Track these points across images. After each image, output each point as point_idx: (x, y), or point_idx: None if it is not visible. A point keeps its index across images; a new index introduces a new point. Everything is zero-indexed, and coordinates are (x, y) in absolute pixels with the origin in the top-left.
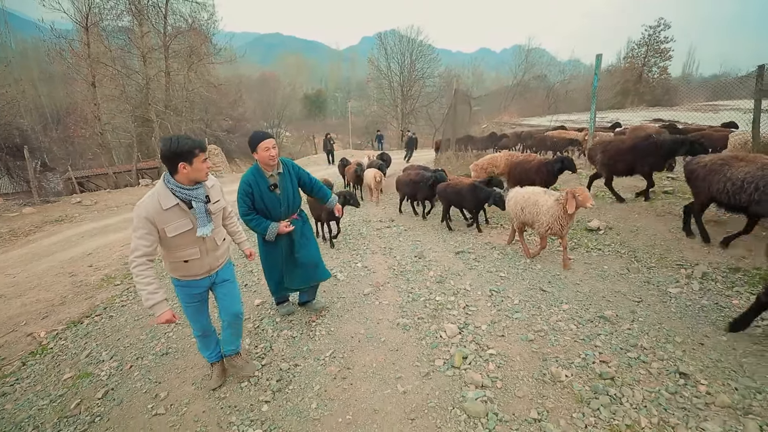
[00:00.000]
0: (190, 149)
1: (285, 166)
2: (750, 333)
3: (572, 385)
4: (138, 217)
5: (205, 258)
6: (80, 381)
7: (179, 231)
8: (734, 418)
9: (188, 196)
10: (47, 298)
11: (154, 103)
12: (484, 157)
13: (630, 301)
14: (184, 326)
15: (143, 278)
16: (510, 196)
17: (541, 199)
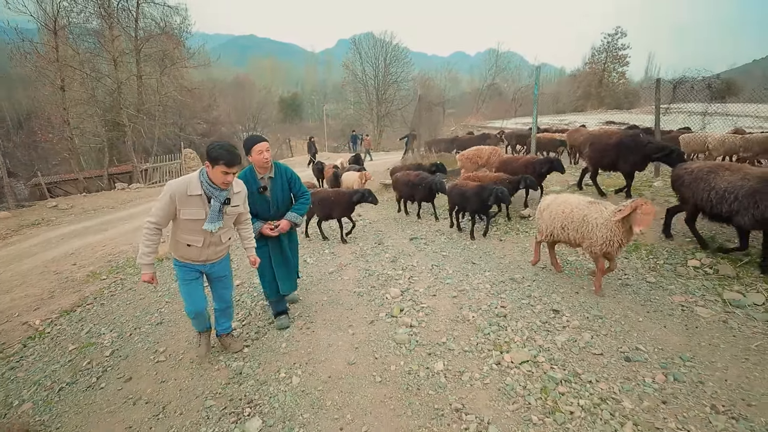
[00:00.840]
0: (215, 158)
1: (278, 171)
2: (606, 284)
3: (476, 322)
4: (165, 192)
5: (205, 249)
6: (85, 349)
7: (191, 217)
8: (577, 333)
9: (211, 193)
10: (35, 293)
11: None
12: (470, 148)
13: (537, 267)
14: (175, 302)
15: (147, 241)
16: (542, 207)
17: (591, 212)
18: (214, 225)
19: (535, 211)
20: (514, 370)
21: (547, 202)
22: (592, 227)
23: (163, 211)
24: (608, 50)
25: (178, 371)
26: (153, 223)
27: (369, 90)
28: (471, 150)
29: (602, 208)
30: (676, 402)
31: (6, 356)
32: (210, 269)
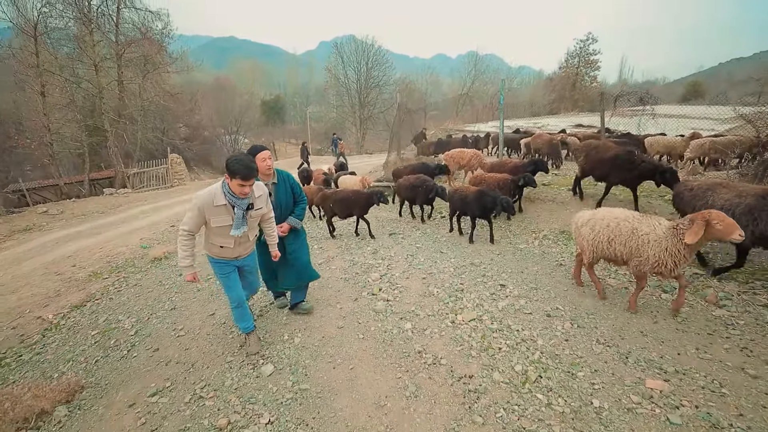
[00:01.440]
0: (233, 172)
1: (281, 177)
2: (545, 264)
3: (439, 296)
4: (194, 205)
5: (236, 248)
6: (108, 333)
7: (220, 224)
8: (516, 300)
9: (234, 202)
10: (41, 292)
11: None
12: (454, 149)
13: (494, 254)
14: (183, 292)
15: (184, 247)
16: (579, 222)
17: (642, 225)
18: (240, 230)
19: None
20: (464, 325)
21: (586, 216)
22: (643, 243)
23: (194, 220)
24: (580, 55)
25: (198, 341)
26: (186, 231)
27: (351, 93)
28: (455, 150)
29: (655, 223)
30: (574, 339)
31: (28, 345)
32: (242, 263)
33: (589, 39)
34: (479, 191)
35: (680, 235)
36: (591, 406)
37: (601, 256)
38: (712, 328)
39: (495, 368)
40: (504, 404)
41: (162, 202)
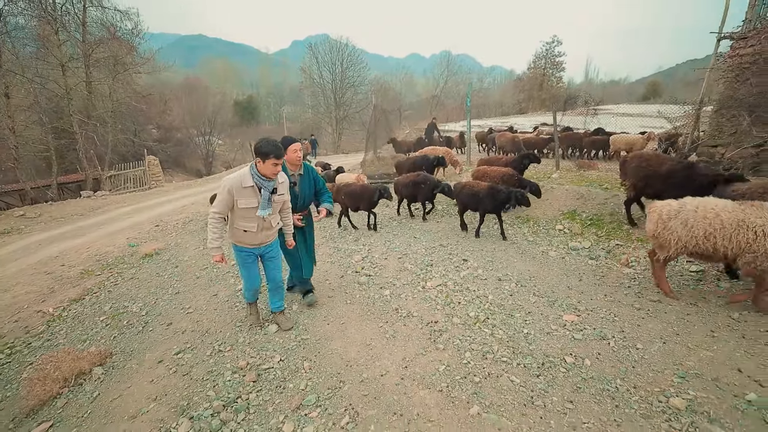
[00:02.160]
0: (266, 153)
1: (306, 170)
2: (497, 242)
3: (412, 270)
4: (224, 187)
5: (259, 233)
6: (118, 317)
7: (246, 206)
8: (474, 270)
9: (261, 183)
10: (35, 290)
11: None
12: (427, 147)
13: (459, 237)
14: (187, 278)
15: (214, 229)
16: (666, 216)
17: (750, 216)
18: (266, 211)
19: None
20: (432, 290)
21: (674, 208)
22: (758, 236)
23: (224, 203)
24: (546, 57)
25: (207, 315)
26: (217, 213)
27: (327, 94)
28: (428, 149)
29: (760, 212)
30: (517, 294)
31: (35, 334)
32: (264, 251)
33: (554, 41)
34: (491, 186)
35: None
36: (522, 333)
37: (690, 252)
38: (620, 282)
39: (454, 315)
40: (459, 337)
41: (142, 203)
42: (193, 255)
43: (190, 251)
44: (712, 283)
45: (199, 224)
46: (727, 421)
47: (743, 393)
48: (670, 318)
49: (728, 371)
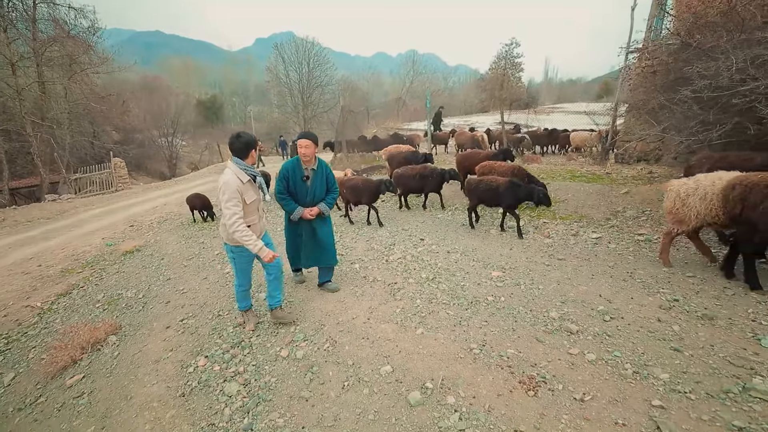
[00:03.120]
0: (255, 141)
1: (320, 166)
2: (456, 225)
3: (378, 249)
4: (231, 191)
5: (259, 222)
6: (115, 302)
7: (252, 199)
8: (429, 246)
9: (253, 173)
10: (15, 289)
11: (28, 116)
12: (392, 145)
13: (418, 222)
14: (176, 266)
15: (247, 235)
16: (684, 192)
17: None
18: (268, 195)
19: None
20: (393, 262)
21: (691, 186)
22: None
23: (237, 206)
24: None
25: (201, 293)
26: (238, 219)
27: (294, 93)
28: (393, 147)
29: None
30: (461, 261)
31: (28, 325)
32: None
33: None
34: (511, 182)
35: None
36: (459, 285)
37: (708, 223)
38: (540, 248)
39: (410, 277)
40: (413, 291)
41: (112, 205)
42: (176, 249)
43: (171, 246)
44: (604, 245)
45: (175, 223)
46: (582, 323)
47: (597, 307)
48: (567, 270)
49: (593, 297)
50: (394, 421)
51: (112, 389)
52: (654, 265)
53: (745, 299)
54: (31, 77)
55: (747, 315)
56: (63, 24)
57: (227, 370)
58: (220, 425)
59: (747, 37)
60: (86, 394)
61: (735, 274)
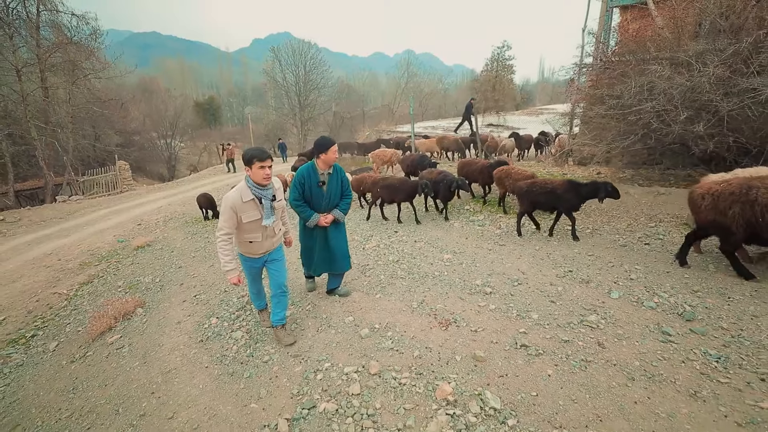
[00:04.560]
0: (250, 159)
1: (335, 171)
2: (427, 220)
3: (357, 239)
4: (225, 206)
5: (264, 241)
6: (134, 286)
7: (251, 219)
8: (400, 237)
9: (260, 194)
10: (41, 280)
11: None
12: (378, 149)
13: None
14: (186, 256)
15: (224, 251)
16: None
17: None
18: (270, 219)
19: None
20: (369, 249)
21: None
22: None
23: (229, 221)
24: (498, 60)
25: (209, 277)
26: (224, 234)
27: (291, 96)
28: (379, 150)
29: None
30: (424, 249)
31: (59, 308)
32: (268, 257)
33: (504, 46)
34: (569, 182)
35: None
36: (416, 266)
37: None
38: (490, 237)
39: (379, 261)
40: (379, 270)
41: (119, 206)
42: (183, 243)
43: (179, 241)
44: (539, 234)
45: (180, 222)
46: (496, 287)
47: (513, 276)
48: (503, 252)
49: (513, 271)
50: (349, 347)
51: (146, 341)
52: (568, 247)
53: (617, 269)
54: (35, 83)
55: (613, 279)
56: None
57: (234, 325)
58: (229, 356)
59: (643, 67)
60: (126, 346)
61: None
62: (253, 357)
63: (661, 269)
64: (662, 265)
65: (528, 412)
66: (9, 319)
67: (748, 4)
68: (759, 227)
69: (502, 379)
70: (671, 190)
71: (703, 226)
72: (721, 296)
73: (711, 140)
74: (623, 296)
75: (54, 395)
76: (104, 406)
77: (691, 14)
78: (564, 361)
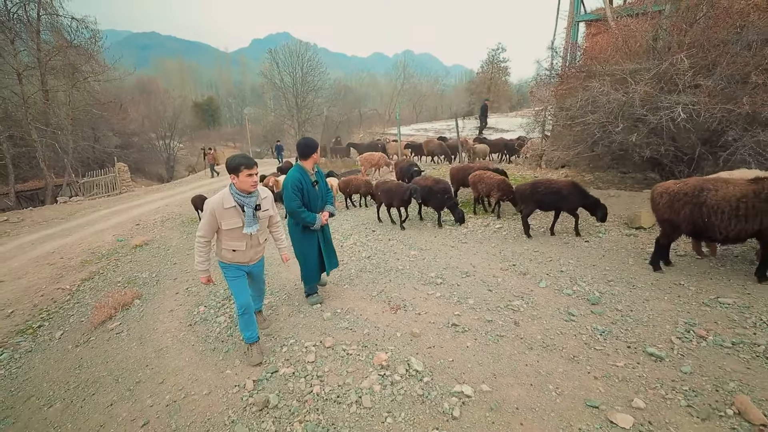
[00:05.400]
0: (237, 165)
1: (319, 173)
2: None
3: (337, 237)
4: (206, 210)
5: (248, 251)
6: (132, 281)
7: (231, 226)
8: (376, 236)
9: (242, 201)
10: (44, 277)
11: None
12: (366, 152)
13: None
14: (181, 254)
15: (200, 252)
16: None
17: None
18: (252, 228)
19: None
20: (346, 246)
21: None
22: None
23: (208, 225)
24: (493, 62)
25: None
26: (202, 237)
27: (288, 97)
28: (367, 153)
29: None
30: (394, 246)
31: (62, 302)
32: (252, 269)
33: (498, 48)
34: (573, 183)
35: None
36: (384, 261)
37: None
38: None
39: (353, 256)
40: (352, 265)
41: (118, 206)
42: (179, 242)
43: (175, 240)
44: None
45: (176, 222)
46: (447, 278)
47: (464, 269)
48: (463, 249)
49: (466, 265)
50: (312, 327)
51: (143, 327)
52: (519, 244)
53: (553, 263)
54: (36, 86)
55: (546, 271)
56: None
57: (218, 312)
58: (212, 336)
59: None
60: (125, 331)
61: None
62: (232, 336)
63: (589, 263)
64: (591, 260)
65: (442, 373)
66: (17, 312)
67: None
68: (704, 226)
69: (430, 349)
70: (621, 193)
71: (659, 221)
72: (627, 285)
73: (647, 148)
74: (549, 285)
75: (62, 372)
76: (106, 377)
77: (641, 32)
78: (483, 336)
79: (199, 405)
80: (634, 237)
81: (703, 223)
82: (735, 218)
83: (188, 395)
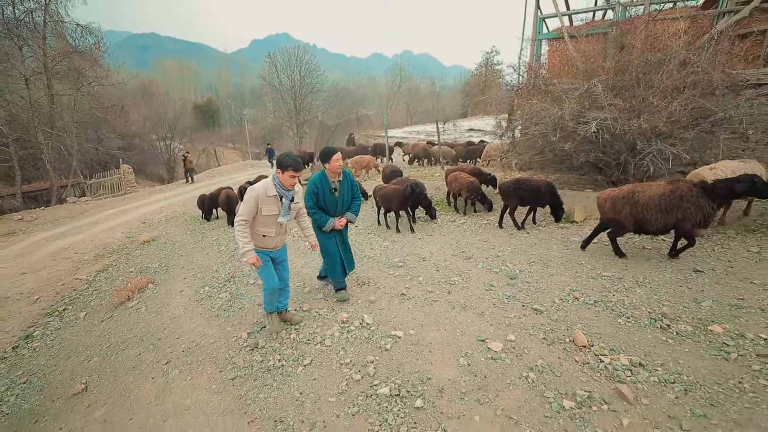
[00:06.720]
0: (286, 165)
1: (345, 177)
2: None
3: None
4: (250, 196)
5: (276, 237)
6: (143, 271)
7: (269, 213)
8: (364, 232)
9: (282, 193)
10: (62, 269)
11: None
12: (356, 155)
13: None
14: (187, 247)
15: (242, 234)
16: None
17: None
18: (286, 218)
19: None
20: None
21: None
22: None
23: (250, 210)
24: (487, 65)
25: (206, 262)
26: (243, 220)
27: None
28: (357, 156)
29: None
30: (373, 239)
31: (83, 289)
32: (277, 254)
33: (492, 51)
34: (549, 183)
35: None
36: (361, 251)
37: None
38: (425, 230)
39: None
40: None
41: (124, 206)
42: (184, 238)
43: (180, 236)
44: (463, 227)
45: (180, 220)
46: (408, 263)
47: (423, 256)
48: (427, 240)
49: (426, 252)
50: (294, 298)
51: (158, 303)
52: (473, 235)
53: (495, 250)
54: (42, 90)
55: (486, 256)
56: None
57: (221, 290)
58: (216, 306)
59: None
60: (143, 307)
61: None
62: (231, 306)
63: (522, 249)
64: (524, 247)
65: (385, 324)
66: (42, 298)
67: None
68: (643, 222)
69: (381, 310)
70: (566, 192)
71: (605, 221)
72: (543, 265)
73: (581, 154)
74: (484, 267)
75: (93, 339)
76: (132, 338)
77: (594, 50)
78: (421, 301)
79: (207, 349)
80: (566, 229)
81: (640, 218)
82: (660, 212)
83: (199, 344)
